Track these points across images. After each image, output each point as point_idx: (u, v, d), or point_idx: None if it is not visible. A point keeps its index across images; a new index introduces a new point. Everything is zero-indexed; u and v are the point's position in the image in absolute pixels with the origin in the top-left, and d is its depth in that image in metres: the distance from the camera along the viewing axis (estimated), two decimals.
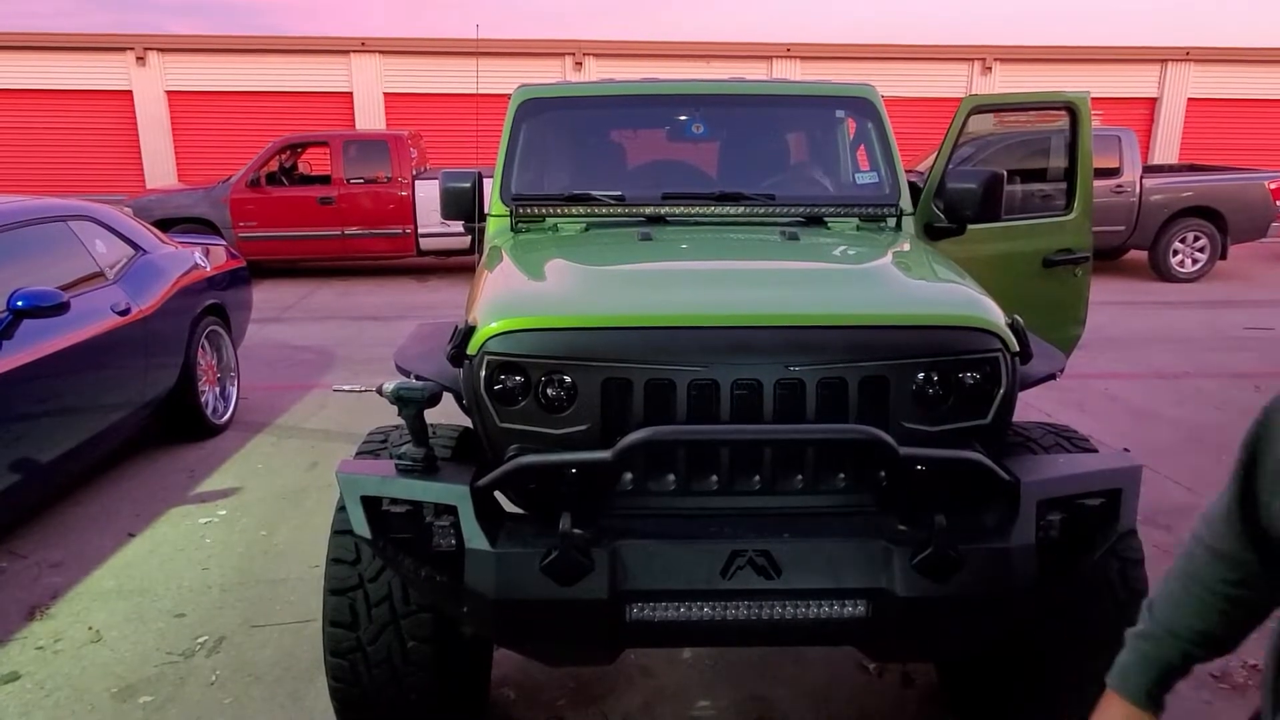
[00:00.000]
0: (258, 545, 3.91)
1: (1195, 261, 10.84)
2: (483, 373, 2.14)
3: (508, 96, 3.76)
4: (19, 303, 3.70)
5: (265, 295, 9.20)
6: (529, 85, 3.78)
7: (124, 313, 4.47)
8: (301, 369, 6.92)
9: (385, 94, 17.29)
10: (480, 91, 4.57)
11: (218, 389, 5.47)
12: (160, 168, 16.77)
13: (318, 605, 3.14)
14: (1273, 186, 10.88)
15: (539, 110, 3.69)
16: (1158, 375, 6.67)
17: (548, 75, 16.55)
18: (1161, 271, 10.83)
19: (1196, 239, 10.79)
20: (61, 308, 3.85)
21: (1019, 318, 2.26)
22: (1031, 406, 5.48)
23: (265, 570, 3.69)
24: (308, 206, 10.87)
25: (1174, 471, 4.71)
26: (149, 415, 4.75)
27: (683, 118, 3.81)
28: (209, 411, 5.26)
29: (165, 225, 9.33)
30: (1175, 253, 10.82)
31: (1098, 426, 5.31)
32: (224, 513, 4.26)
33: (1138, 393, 6.21)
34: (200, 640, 3.18)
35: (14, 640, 3.20)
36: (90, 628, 3.27)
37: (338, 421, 5.57)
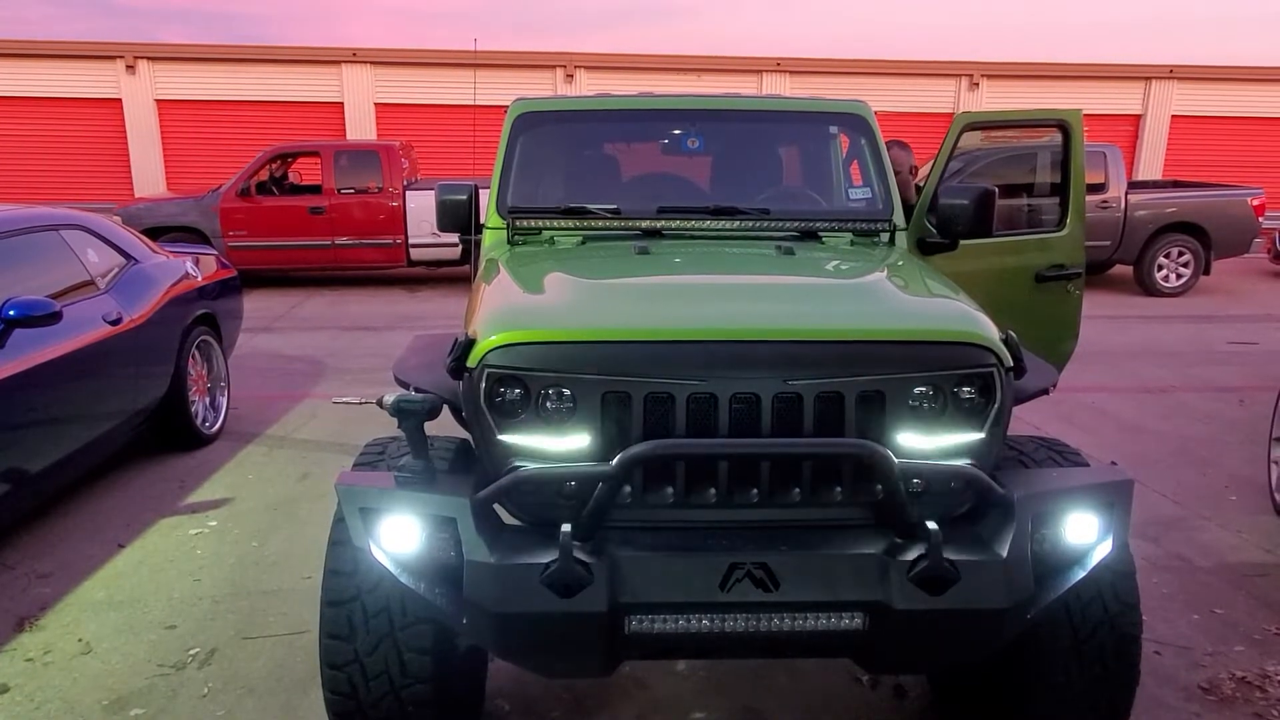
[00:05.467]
0: (249, 556, 3.89)
1: (1180, 276, 10.98)
2: (483, 385, 2.15)
3: (499, 108, 3.78)
4: (11, 312, 3.69)
5: (256, 305, 9.17)
6: (526, 98, 3.80)
7: (115, 322, 4.45)
8: (292, 379, 6.90)
9: (376, 104, 17.28)
10: (471, 103, 4.59)
11: (208, 399, 5.45)
12: (149, 176, 16.67)
13: (310, 616, 3.13)
14: (1255, 203, 11.04)
15: (536, 123, 3.71)
16: (1144, 389, 6.74)
17: (539, 88, 16.59)
18: (1146, 286, 10.96)
19: (1181, 254, 10.93)
20: (53, 317, 3.84)
21: (1013, 332, 2.30)
22: (1021, 420, 5.52)
23: (257, 581, 3.67)
24: (298, 216, 10.87)
25: (1161, 485, 4.76)
26: (139, 425, 4.73)
27: (678, 132, 3.85)
28: (199, 421, 5.24)
29: (155, 234, 9.28)
30: (1160, 268, 10.96)
31: (1086, 440, 5.36)
32: (215, 523, 4.24)
33: (1125, 406, 6.27)
34: (192, 652, 3.16)
35: (3, 652, 3.17)
36: (80, 639, 3.25)
37: (329, 432, 5.56)
